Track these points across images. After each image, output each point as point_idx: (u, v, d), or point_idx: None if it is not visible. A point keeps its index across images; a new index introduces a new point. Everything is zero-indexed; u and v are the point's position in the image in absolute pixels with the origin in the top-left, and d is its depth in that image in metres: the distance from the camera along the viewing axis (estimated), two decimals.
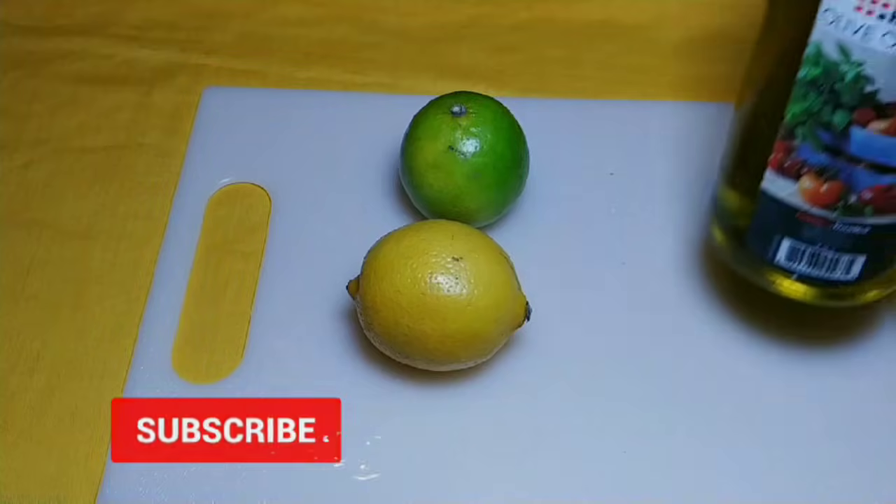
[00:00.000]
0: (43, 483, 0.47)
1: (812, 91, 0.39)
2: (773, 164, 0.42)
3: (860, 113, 0.39)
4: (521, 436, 0.48)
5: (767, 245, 0.45)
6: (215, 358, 0.51)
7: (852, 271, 0.44)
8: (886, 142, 0.39)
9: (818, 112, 0.40)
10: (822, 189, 0.41)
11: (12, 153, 0.59)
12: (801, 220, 0.43)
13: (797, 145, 0.41)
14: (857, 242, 0.43)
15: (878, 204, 0.41)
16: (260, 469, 0.47)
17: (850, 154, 0.40)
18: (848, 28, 0.37)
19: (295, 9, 0.67)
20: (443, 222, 0.49)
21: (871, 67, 0.38)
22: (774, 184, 0.43)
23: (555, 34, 0.65)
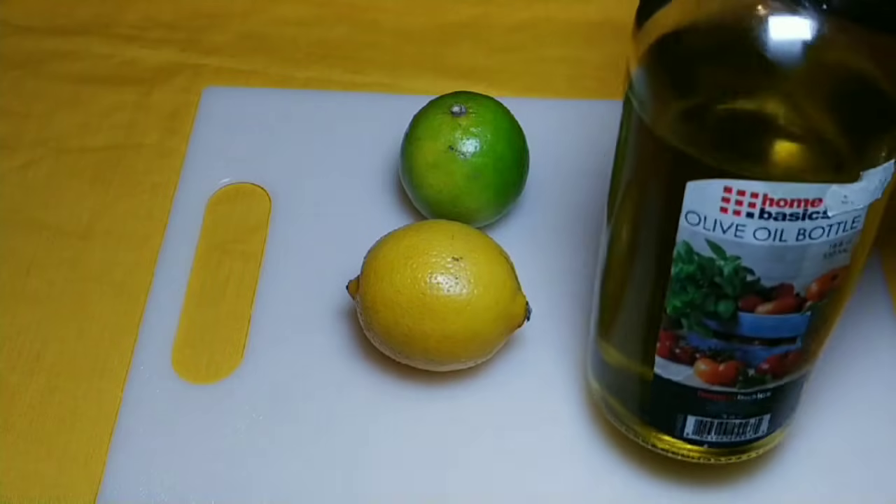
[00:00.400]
0: (43, 483, 0.47)
1: (690, 285, 0.37)
2: (661, 353, 0.40)
3: (745, 300, 0.37)
4: (522, 436, 0.48)
5: (671, 422, 0.42)
6: (215, 358, 0.51)
7: (760, 430, 0.43)
8: (776, 320, 0.37)
9: (701, 304, 0.37)
10: (720, 369, 0.39)
11: (12, 153, 0.59)
12: (703, 398, 0.41)
13: (685, 334, 0.38)
14: (762, 405, 0.41)
15: (776, 371, 0.40)
16: (260, 469, 0.47)
17: (741, 336, 0.38)
18: (716, 228, 0.35)
19: (295, 9, 0.67)
20: (443, 222, 0.49)
21: (749, 261, 0.35)
22: (667, 369, 0.40)
23: (555, 34, 0.65)
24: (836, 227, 0.35)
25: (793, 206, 0.34)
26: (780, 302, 0.37)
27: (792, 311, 0.37)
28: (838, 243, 0.35)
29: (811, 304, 0.37)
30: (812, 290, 0.37)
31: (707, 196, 0.34)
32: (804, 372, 0.41)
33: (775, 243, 0.35)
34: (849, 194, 0.34)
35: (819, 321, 0.38)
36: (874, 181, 0.34)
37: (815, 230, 0.34)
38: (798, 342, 0.39)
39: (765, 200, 0.33)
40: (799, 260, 0.35)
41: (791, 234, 0.34)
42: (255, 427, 0.48)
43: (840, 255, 0.36)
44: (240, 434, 0.48)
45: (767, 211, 0.34)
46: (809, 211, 0.34)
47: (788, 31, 0.32)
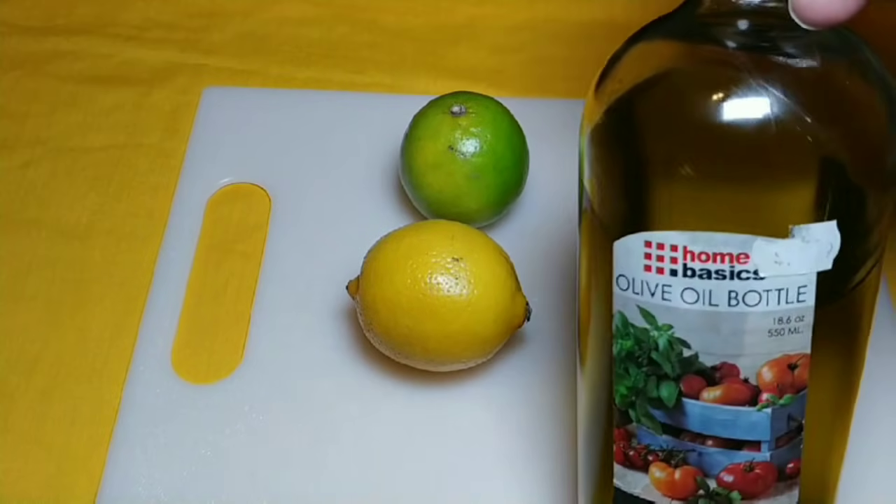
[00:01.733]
0: (43, 483, 0.47)
1: (632, 365, 0.34)
2: (617, 457, 0.36)
3: (687, 382, 0.33)
4: (522, 436, 0.48)
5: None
6: (215, 358, 0.51)
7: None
8: (726, 413, 0.34)
9: (644, 388, 0.34)
10: (676, 477, 0.35)
11: (11, 153, 0.59)
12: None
13: (635, 430, 0.35)
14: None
15: (744, 489, 0.35)
16: (260, 469, 0.47)
17: (691, 431, 0.34)
18: (645, 291, 0.32)
19: (295, 8, 0.67)
20: (443, 222, 0.49)
21: (681, 330, 0.33)
22: (624, 480, 0.37)
23: (555, 34, 0.65)
24: (776, 294, 0.31)
25: (716, 260, 0.31)
26: (727, 388, 0.33)
27: (744, 404, 0.33)
28: (784, 318, 0.32)
29: (768, 397, 0.33)
30: (764, 378, 0.33)
31: (631, 254, 0.32)
32: (785, 496, 0.35)
33: (706, 308, 0.32)
34: (780, 252, 0.31)
35: (789, 428, 0.34)
36: (812, 242, 0.30)
37: (749, 294, 0.31)
38: (764, 451, 0.34)
39: (685, 254, 0.31)
40: (737, 333, 0.32)
41: (722, 298, 0.32)
42: (255, 427, 0.48)
43: (792, 335, 0.32)
44: (240, 434, 0.48)
45: (690, 267, 0.31)
46: (737, 268, 0.31)
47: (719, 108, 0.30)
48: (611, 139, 0.34)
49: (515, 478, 0.47)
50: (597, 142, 0.34)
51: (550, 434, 0.48)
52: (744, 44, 0.31)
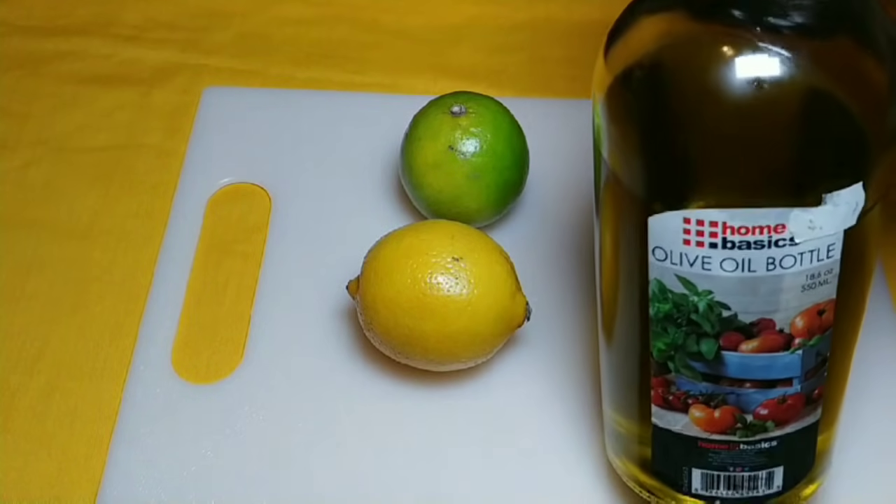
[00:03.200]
0: (43, 483, 0.47)
1: (670, 325, 0.36)
2: (656, 401, 0.39)
3: (726, 338, 0.36)
4: (522, 436, 0.48)
5: (676, 477, 0.41)
6: (215, 358, 0.51)
7: (775, 484, 0.41)
8: (763, 360, 0.36)
9: (683, 344, 0.36)
10: (715, 416, 0.38)
11: (12, 153, 0.59)
12: (704, 448, 0.39)
13: (674, 378, 0.38)
14: (770, 456, 0.39)
15: (777, 418, 0.38)
16: (260, 469, 0.47)
17: (730, 378, 0.37)
18: (683, 262, 0.34)
19: (295, 9, 0.67)
20: (443, 222, 0.49)
21: (721, 295, 0.34)
22: (664, 419, 0.39)
23: (555, 34, 0.65)
24: (809, 255, 0.33)
25: (755, 233, 0.33)
26: (763, 339, 0.35)
27: (779, 350, 0.36)
28: (815, 274, 0.34)
29: (800, 341, 0.36)
30: (797, 326, 0.35)
31: (668, 229, 0.34)
32: (812, 420, 0.39)
33: (745, 274, 0.34)
34: (814, 219, 0.32)
35: (816, 362, 0.37)
36: (841, 205, 0.32)
37: (786, 259, 0.33)
38: (795, 385, 0.37)
39: (725, 229, 0.33)
40: (774, 292, 0.34)
41: (760, 264, 0.33)
42: (255, 427, 0.48)
43: (821, 287, 0.34)
44: (240, 434, 0.48)
45: (730, 240, 0.33)
46: (774, 238, 0.33)
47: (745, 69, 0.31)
48: (625, 104, 0.34)
49: (515, 478, 0.47)
50: (612, 108, 0.35)
51: (551, 434, 0.48)
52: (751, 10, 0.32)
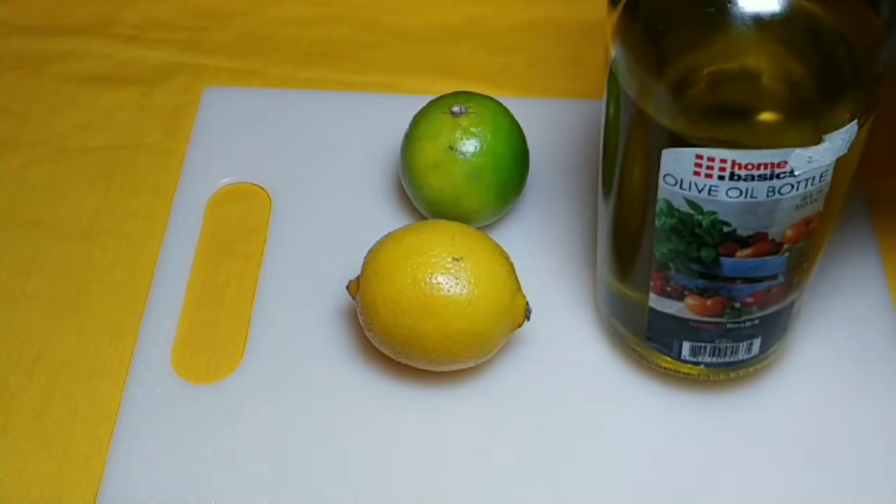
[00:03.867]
0: (43, 483, 0.47)
1: (674, 236, 0.40)
2: (654, 290, 0.44)
3: (725, 247, 0.40)
4: (522, 436, 0.48)
5: (669, 346, 0.46)
6: (215, 358, 0.51)
7: (752, 350, 0.46)
8: (755, 262, 0.41)
9: (685, 250, 0.41)
10: (707, 304, 0.43)
11: (12, 153, 0.59)
12: (695, 328, 0.44)
13: (673, 275, 0.42)
14: (751, 331, 0.45)
15: (761, 303, 0.43)
16: (260, 469, 0.47)
17: (724, 276, 0.41)
18: (692, 189, 0.38)
19: (295, 9, 0.67)
20: (443, 222, 0.49)
21: (724, 215, 0.38)
22: (660, 304, 0.44)
23: (555, 34, 0.65)
24: (805, 182, 0.37)
25: (760, 168, 0.36)
26: (757, 248, 0.40)
27: (770, 255, 0.40)
28: (808, 195, 0.38)
29: (788, 246, 0.40)
30: (787, 235, 0.39)
31: (681, 162, 0.37)
32: (790, 300, 0.44)
33: (747, 200, 0.38)
34: (813, 155, 0.36)
35: (799, 258, 0.41)
36: (837, 141, 0.36)
37: (784, 187, 0.37)
38: (780, 278, 0.42)
39: (734, 165, 0.36)
40: (771, 213, 0.38)
41: (761, 192, 0.37)
42: (255, 427, 0.48)
43: (811, 205, 0.38)
44: (240, 434, 0.48)
45: (737, 174, 0.37)
46: (777, 172, 0.36)
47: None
48: (633, 31, 0.37)
49: (515, 478, 0.47)
50: (623, 37, 0.38)
51: (551, 433, 0.48)
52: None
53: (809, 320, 0.52)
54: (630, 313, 0.47)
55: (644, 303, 0.45)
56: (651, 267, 0.42)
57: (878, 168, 0.57)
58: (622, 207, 0.43)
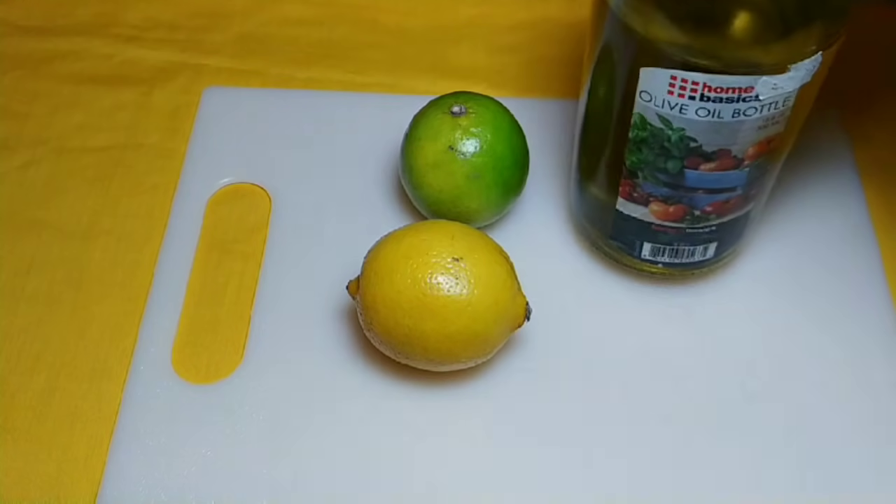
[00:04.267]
0: (43, 483, 0.47)
1: (644, 147, 0.44)
2: (622, 195, 0.47)
3: (690, 160, 0.44)
4: (521, 436, 0.48)
5: (631, 245, 0.50)
6: (215, 358, 0.51)
7: (708, 254, 0.50)
8: (716, 175, 0.44)
9: (653, 161, 0.44)
10: (670, 210, 0.47)
11: (12, 153, 0.59)
12: (656, 231, 0.48)
13: (640, 183, 0.46)
14: (708, 236, 0.49)
15: (719, 212, 0.47)
16: (259, 469, 0.47)
17: (687, 187, 0.45)
18: (665, 106, 0.42)
19: (295, 9, 0.67)
20: (443, 222, 0.49)
21: (692, 132, 0.42)
22: (627, 207, 0.48)
23: (555, 34, 0.65)
24: (768, 106, 0.41)
25: (728, 92, 0.40)
26: (720, 163, 0.44)
27: (731, 169, 0.44)
28: (770, 118, 0.42)
29: (749, 163, 0.44)
30: (749, 152, 0.43)
31: (657, 80, 0.41)
32: (747, 210, 0.48)
33: (714, 119, 0.41)
34: (778, 83, 0.40)
35: (758, 172, 0.45)
36: (802, 71, 0.40)
37: (749, 110, 0.41)
38: (738, 190, 0.46)
39: (704, 87, 0.40)
40: (735, 132, 0.42)
41: (727, 113, 0.41)
42: (254, 427, 0.48)
43: (773, 126, 0.42)
44: (240, 434, 0.48)
45: (707, 95, 0.40)
46: (743, 96, 0.40)
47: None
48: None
49: (515, 478, 0.47)
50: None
51: (550, 434, 0.48)
52: None
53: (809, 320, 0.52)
54: (598, 214, 0.51)
55: (612, 206, 0.49)
56: (621, 175, 0.46)
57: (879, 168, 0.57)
58: (601, 118, 0.46)
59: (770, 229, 0.55)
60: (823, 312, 0.52)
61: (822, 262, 0.54)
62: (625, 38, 0.41)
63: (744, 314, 0.52)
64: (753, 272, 0.54)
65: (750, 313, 0.52)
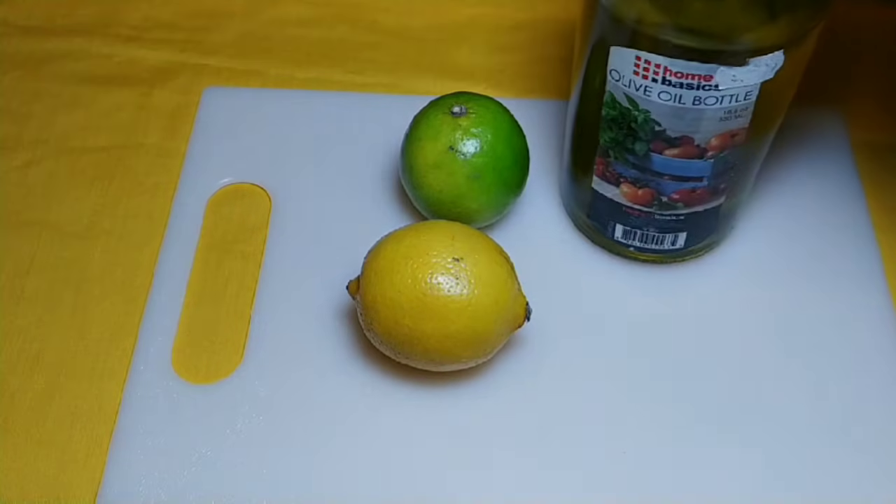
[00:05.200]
0: (43, 483, 0.47)
1: (614, 126, 0.46)
2: (597, 173, 0.50)
3: (655, 144, 0.45)
4: (521, 436, 0.48)
5: (605, 226, 0.52)
6: (215, 358, 0.51)
7: (678, 243, 0.52)
8: (681, 162, 0.46)
9: (622, 141, 0.46)
10: (638, 193, 0.49)
11: (12, 153, 0.59)
12: (627, 213, 0.50)
13: (611, 162, 0.48)
14: (676, 225, 0.50)
15: (686, 201, 0.49)
16: (260, 469, 0.47)
17: (653, 171, 0.47)
18: (631, 86, 0.44)
19: (295, 9, 0.67)
20: (443, 223, 0.49)
21: (656, 115, 0.44)
22: (601, 186, 0.50)
23: (555, 34, 0.65)
24: (729, 98, 0.42)
25: (688, 78, 0.42)
26: (683, 149, 0.45)
27: (695, 158, 0.46)
28: (732, 110, 0.43)
29: (713, 154, 0.45)
30: (712, 143, 0.45)
31: (624, 60, 0.43)
32: (716, 203, 0.49)
33: (675, 104, 0.43)
34: (737, 74, 0.41)
35: (724, 166, 0.46)
36: (762, 66, 0.41)
37: (709, 98, 0.42)
38: (704, 182, 0.47)
39: (666, 71, 0.42)
40: (697, 120, 0.43)
41: (688, 99, 0.43)
42: (255, 427, 0.48)
43: (737, 119, 0.44)
44: (240, 434, 0.48)
45: (668, 79, 0.42)
46: (702, 84, 0.42)
47: None
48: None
49: (516, 478, 0.47)
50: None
51: (550, 434, 0.48)
52: None
53: (809, 319, 0.52)
54: (580, 194, 0.52)
55: (589, 184, 0.50)
56: (596, 152, 0.48)
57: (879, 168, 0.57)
58: (584, 95, 0.48)
59: (768, 228, 0.55)
60: (823, 312, 0.52)
61: (822, 261, 0.54)
62: (599, 14, 0.43)
63: (746, 315, 0.52)
64: (753, 272, 0.54)
65: (750, 313, 0.52)
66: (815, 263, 0.54)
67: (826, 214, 0.56)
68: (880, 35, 0.64)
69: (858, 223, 0.55)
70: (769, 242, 0.55)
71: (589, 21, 0.45)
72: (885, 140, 0.59)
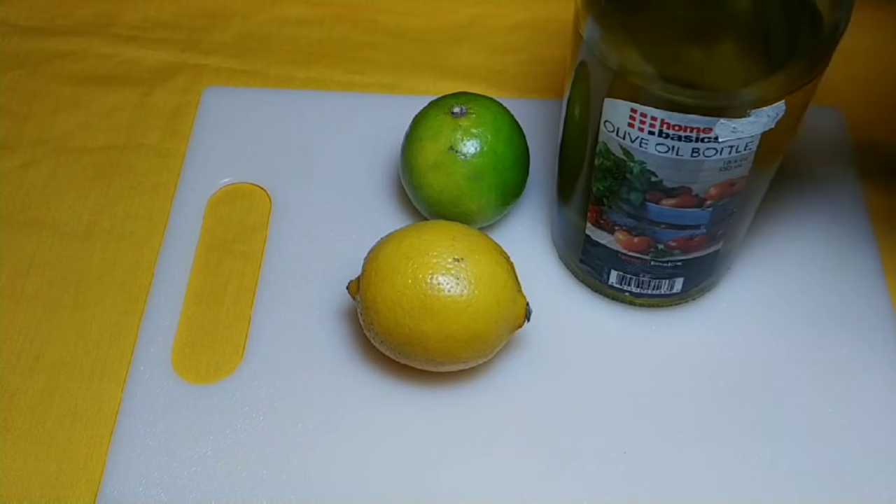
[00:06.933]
0: (43, 483, 0.47)
1: (609, 176, 0.44)
2: (591, 220, 0.48)
3: (651, 194, 0.43)
4: (521, 436, 0.48)
5: (600, 271, 0.50)
6: (215, 358, 0.51)
7: (675, 288, 0.50)
8: (679, 212, 0.44)
9: (617, 191, 0.44)
10: (634, 241, 0.47)
11: (12, 153, 0.59)
12: (622, 259, 0.48)
13: (606, 210, 0.46)
14: (673, 271, 0.48)
15: (683, 248, 0.47)
16: (260, 469, 0.47)
17: (649, 220, 0.45)
18: (626, 138, 0.41)
19: (295, 9, 0.67)
20: (443, 223, 0.49)
21: (652, 166, 0.42)
22: (595, 234, 0.48)
23: (555, 34, 0.65)
24: (728, 149, 0.40)
25: (686, 130, 0.39)
26: (681, 199, 0.43)
27: (693, 207, 0.44)
28: (732, 161, 0.41)
29: (712, 202, 0.43)
30: (711, 192, 0.43)
31: (618, 112, 0.41)
32: (714, 249, 0.48)
33: (673, 156, 0.41)
34: (738, 126, 0.39)
35: (723, 213, 0.45)
36: (763, 117, 0.39)
37: (708, 150, 0.40)
38: (702, 229, 0.45)
39: (663, 124, 0.40)
40: (695, 171, 0.41)
41: (686, 152, 0.41)
42: (255, 427, 0.48)
43: (736, 168, 0.42)
44: (240, 434, 0.48)
45: (665, 132, 0.40)
46: (701, 136, 0.40)
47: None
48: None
49: (516, 478, 0.47)
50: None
51: (550, 434, 0.48)
52: None
53: (809, 321, 0.52)
54: (571, 235, 0.51)
55: (582, 229, 0.49)
56: (589, 200, 0.47)
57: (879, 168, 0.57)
58: (575, 140, 0.46)
59: (769, 229, 0.55)
60: (823, 313, 0.52)
61: (822, 262, 0.54)
62: (593, 65, 0.41)
63: (744, 313, 0.52)
64: (753, 271, 0.54)
65: (750, 312, 0.52)
66: (814, 265, 0.54)
67: (825, 215, 0.56)
68: (880, 35, 0.64)
69: (858, 223, 0.55)
70: (769, 242, 0.55)
71: (584, 71, 0.42)
72: (886, 138, 0.59)
